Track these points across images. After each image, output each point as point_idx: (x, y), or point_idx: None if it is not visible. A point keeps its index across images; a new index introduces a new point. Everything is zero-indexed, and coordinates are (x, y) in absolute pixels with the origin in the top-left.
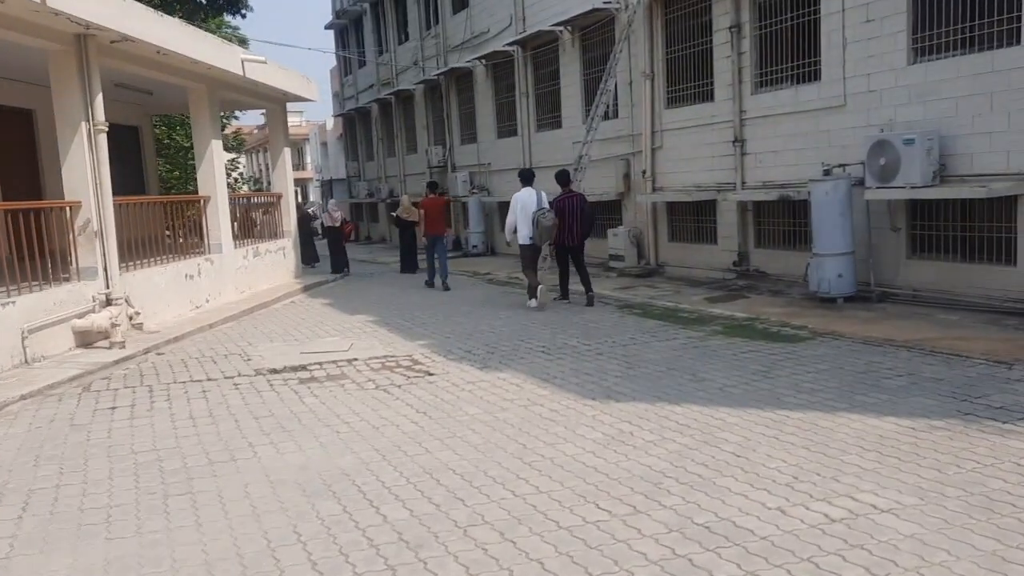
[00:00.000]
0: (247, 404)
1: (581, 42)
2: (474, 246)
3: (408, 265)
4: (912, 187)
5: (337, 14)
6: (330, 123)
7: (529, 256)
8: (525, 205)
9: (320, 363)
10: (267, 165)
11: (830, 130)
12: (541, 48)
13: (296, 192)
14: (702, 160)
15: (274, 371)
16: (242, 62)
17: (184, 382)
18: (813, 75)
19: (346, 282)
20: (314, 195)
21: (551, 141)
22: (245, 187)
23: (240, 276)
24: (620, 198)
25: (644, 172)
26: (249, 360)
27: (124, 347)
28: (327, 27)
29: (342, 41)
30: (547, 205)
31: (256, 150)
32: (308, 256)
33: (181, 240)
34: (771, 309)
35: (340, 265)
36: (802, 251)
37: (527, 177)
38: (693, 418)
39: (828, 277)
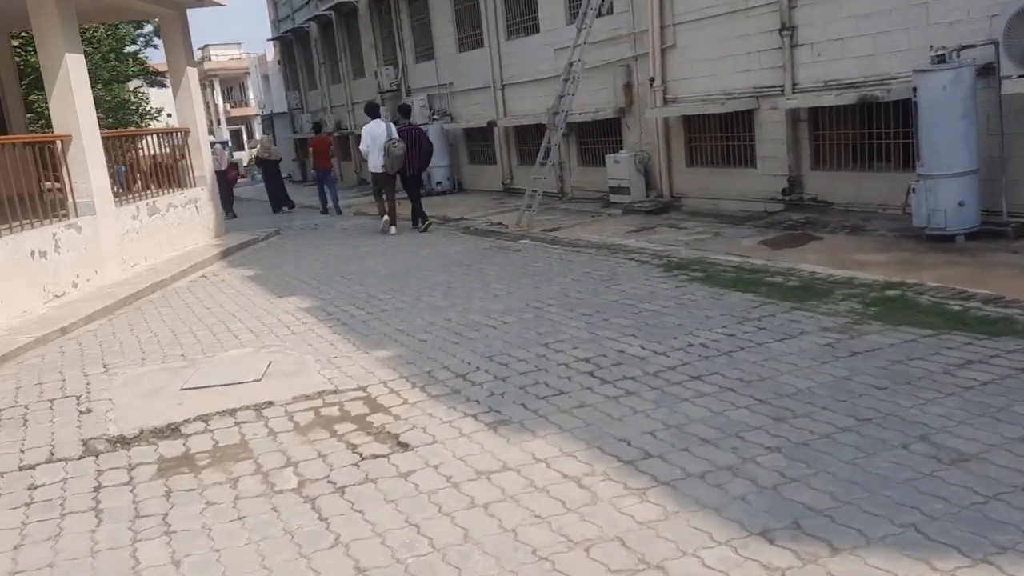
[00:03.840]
0: None
1: None
2: (438, 183)
3: (277, 203)
4: None
5: None
6: (270, 53)
7: (381, 182)
8: (375, 136)
9: (208, 415)
10: (207, 104)
11: (928, 2)
12: None
13: (242, 130)
14: (732, 59)
15: (121, 442)
16: None
17: None
18: None
19: (280, 239)
20: (259, 133)
21: (526, 50)
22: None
23: (128, 244)
24: (620, 115)
25: (652, 80)
26: (88, 412)
27: None
28: None
29: None
30: (396, 136)
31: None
32: (280, 200)
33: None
34: (873, 258)
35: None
36: (881, 172)
37: (373, 110)
38: None
39: (943, 206)
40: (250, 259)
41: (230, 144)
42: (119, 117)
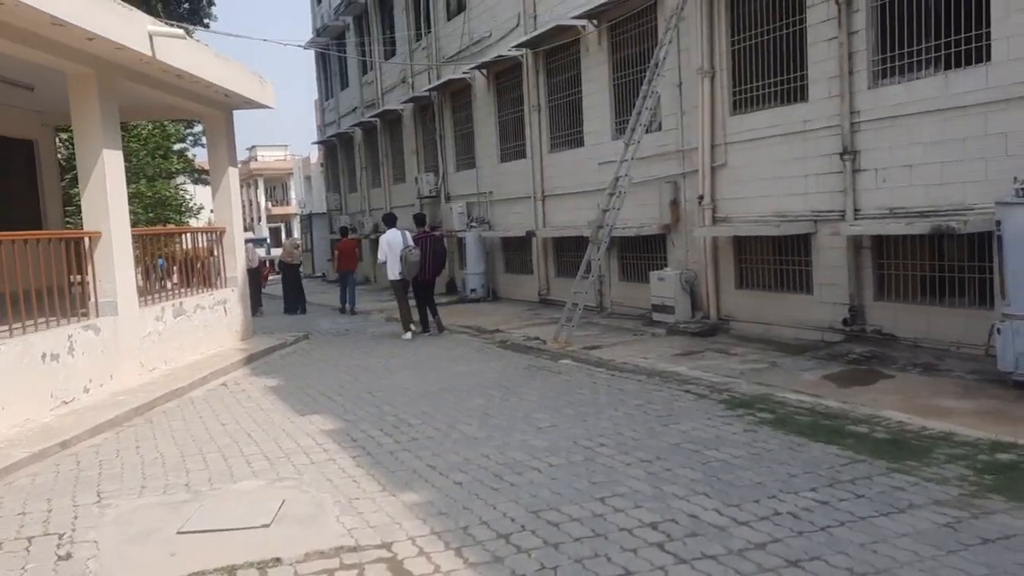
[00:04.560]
0: None
1: (610, 37)
2: (472, 289)
3: (291, 305)
4: None
5: (318, 31)
6: (314, 155)
7: (400, 289)
8: (392, 245)
9: (203, 574)
10: (249, 201)
11: (1007, 132)
12: (557, 49)
13: (281, 228)
14: (788, 181)
15: None
16: (150, 36)
17: None
18: (974, 54)
19: (309, 344)
20: (297, 232)
21: (570, 163)
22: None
23: (149, 347)
24: (665, 231)
25: (701, 198)
26: (68, 557)
27: None
28: (306, 47)
29: (324, 65)
30: (412, 243)
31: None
32: (295, 303)
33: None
34: (958, 404)
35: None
36: (954, 308)
37: (391, 220)
38: None
39: None
40: (275, 367)
41: (268, 241)
42: (159, 212)
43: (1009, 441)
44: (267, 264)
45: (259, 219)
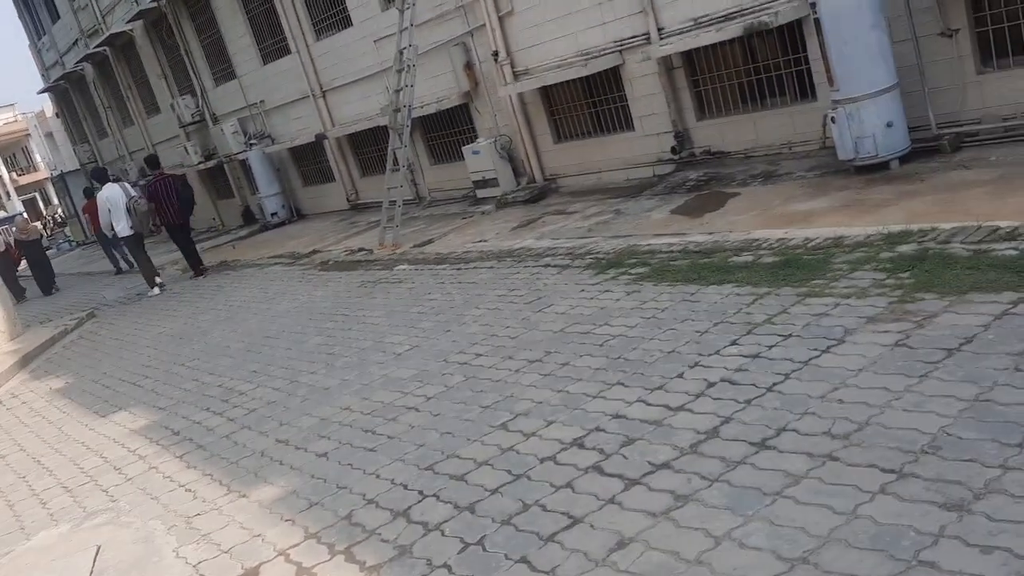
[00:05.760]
0: None
1: None
2: (273, 214)
3: (46, 285)
4: None
5: None
6: (49, 108)
7: (136, 244)
8: (115, 200)
9: None
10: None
11: None
12: None
13: (36, 198)
14: (583, 14)
15: None
16: None
17: None
18: None
19: (96, 323)
20: (55, 198)
21: (342, 47)
22: None
23: None
24: (467, 100)
25: (496, 54)
26: None
27: None
28: None
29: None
30: (135, 193)
31: None
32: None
33: None
34: (815, 205)
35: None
36: (778, 109)
37: (101, 176)
38: None
39: (870, 131)
40: (59, 363)
41: (25, 215)
42: None
43: (900, 230)
44: (13, 245)
45: (7, 195)
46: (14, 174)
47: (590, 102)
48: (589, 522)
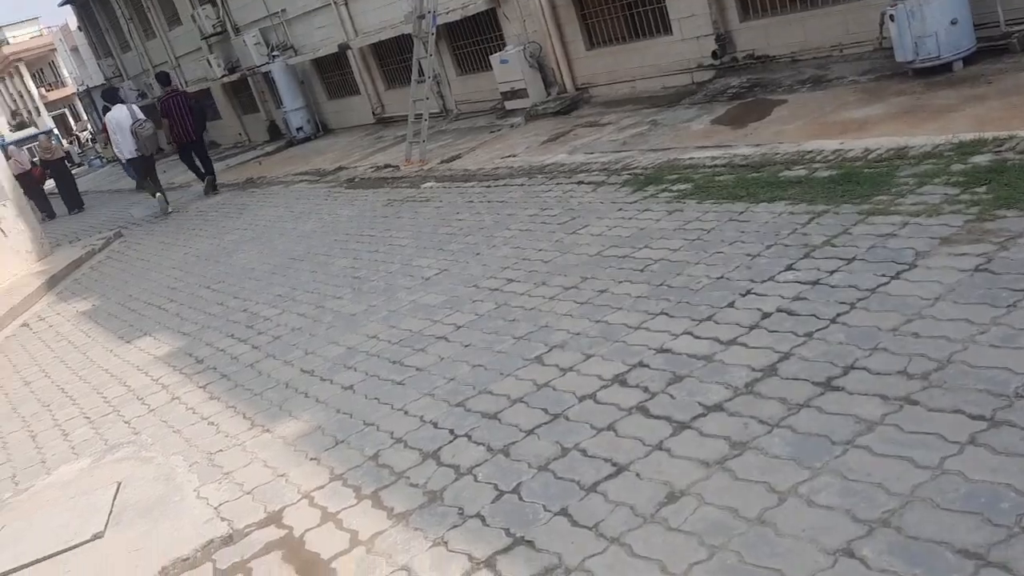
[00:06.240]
0: None
1: None
2: (298, 129)
3: (71, 203)
4: None
5: None
6: (72, 21)
7: (141, 168)
8: (120, 123)
9: None
10: (20, 93)
11: None
12: None
13: (66, 114)
14: None
15: None
16: None
17: None
18: None
19: (124, 243)
20: (84, 113)
21: None
22: None
23: None
24: (494, 5)
25: None
26: None
27: None
28: None
29: None
30: (142, 116)
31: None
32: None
33: None
34: (870, 112)
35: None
36: (829, 7)
37: (111, 97)
38: None
39: (932, 30)
40: (86, 284)
41: (55, 131)
42: None
43: (972, 139)
44: (37, 165)
45: (37, 111)
46: (43, 90)
47: (625, 3)
48: (635, 471)
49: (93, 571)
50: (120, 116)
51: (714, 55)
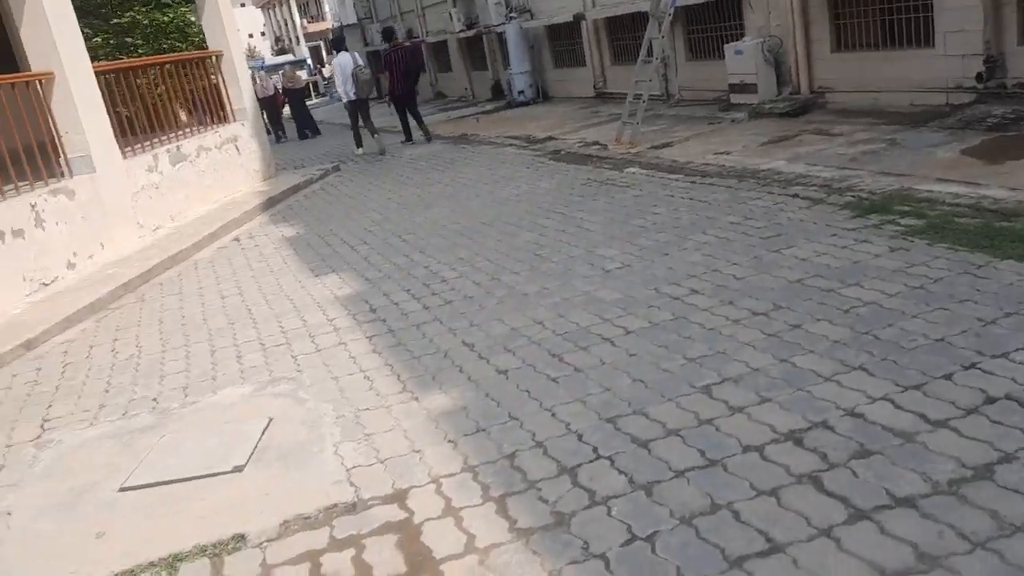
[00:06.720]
0: None
1: None
2: (520, 91)
3: (301, 130)
4: None
5: None
6: None
7: (359, 110)
8: (344, 67)
9: (131, 572)
10: (284, 22)
11: None
12: None
13: (321, 47)
14: None
15: None
16: None
17: None
18: None
19: (339, 178)
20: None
21: None
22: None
23: (146, 204)
24: None
25: None
26: None
27: None
28: None
29: None
30: (362, 63)
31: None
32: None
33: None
34: None
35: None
36: None
37: (339, 44)
38: None
39: None
40: (296, 211)
41: (309, 63)
42: (160, 43)
43: None
44: (279, 92)
45: (297, 40)
46: (305, 21)
47: (886, 7)
48: (792, 555)
49: (225, 505)
50: (344, 61)
51: (979, 78)
